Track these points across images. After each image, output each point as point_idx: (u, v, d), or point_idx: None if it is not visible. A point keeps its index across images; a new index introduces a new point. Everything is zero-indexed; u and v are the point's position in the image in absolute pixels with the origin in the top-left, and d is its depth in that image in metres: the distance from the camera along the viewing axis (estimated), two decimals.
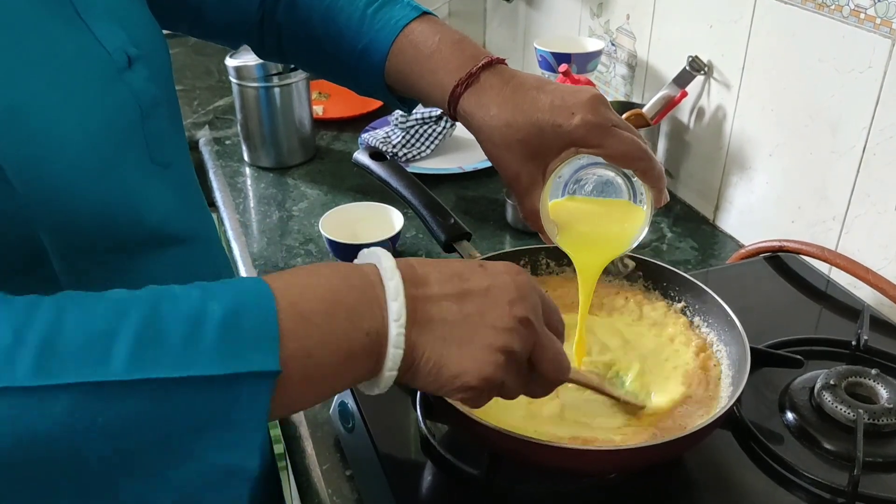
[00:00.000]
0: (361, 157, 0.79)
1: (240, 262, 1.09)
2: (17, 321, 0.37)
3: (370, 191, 1.21)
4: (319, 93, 1.57)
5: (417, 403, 0.68)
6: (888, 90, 0.85)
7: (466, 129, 0.65)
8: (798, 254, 0.95)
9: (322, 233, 1.01)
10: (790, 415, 0.70)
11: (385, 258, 0.47)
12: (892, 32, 0.83)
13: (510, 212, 1.14)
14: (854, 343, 0.77)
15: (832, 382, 0.70)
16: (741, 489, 0.64)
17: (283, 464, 0.86)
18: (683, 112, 1.20)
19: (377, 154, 0.78)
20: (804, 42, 0.95)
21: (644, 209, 0.66)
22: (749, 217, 1.10)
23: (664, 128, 1.24)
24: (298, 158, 1.35)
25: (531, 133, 0.61)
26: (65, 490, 0.38)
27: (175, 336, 0.39)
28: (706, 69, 1.13)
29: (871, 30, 0.86)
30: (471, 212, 1.19)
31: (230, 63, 1.27)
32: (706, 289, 0.73)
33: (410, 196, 0.75)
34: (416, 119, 1.31)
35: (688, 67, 1.13)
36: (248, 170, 1.34)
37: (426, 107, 0.88)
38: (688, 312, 0.75)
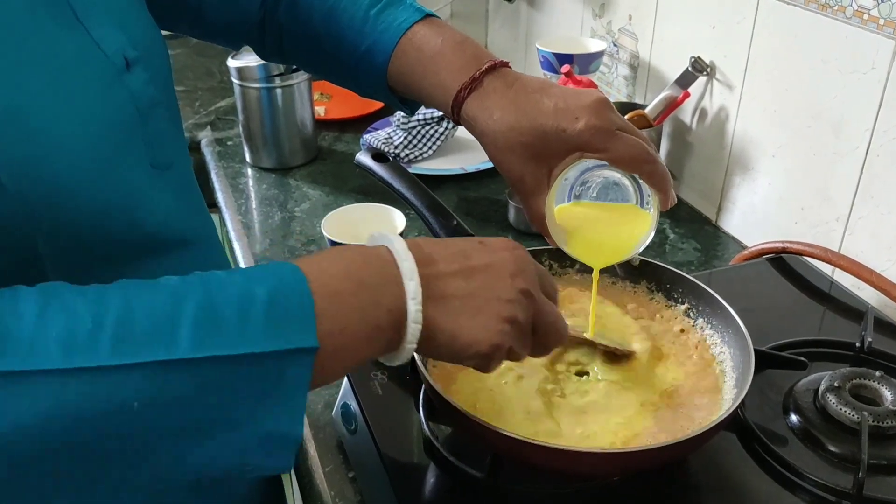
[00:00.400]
0: (363, 158, 0.78)
1: (242, 263, 1.08)
2: (94, 308, 0.42)
3: (372, 192, 1.21)
4: (321, 94, 1.57)
5: (420, 405, 0.68)
6: (891, 91, 0.85)
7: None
8: (801, 255, 0.95)
9: (324, 234, 1.01)
10: (794, 417, 0.69)
11: (397, 241, 0.50)
12: None
13: (512, 213, 1.14)
14: (858, 345, 0.77)
15: (836, 384, 0.70)
16: (745, 491, 0.64)
17: None
18: (686, 113, 1.20)
19: (379, 155, 0.78)
20: (807, 43, 0.95)
21: (651, 212, 0.65)
22: (752, 218, 1.10)
23: (666, 129, 1.23)
24: (300, 159, 1.35)
25: (535, 137, 0.61)
26: (133, 457, 0.43)
27: (230, 318, 0.43)
28: (709, 70, 1.12)
29: (875, 31, 0.86)
30: (473, 213, 1.19)
31: (232, 64, 1.27)
32: (709, 290, 0.73)
33: (412, 197, 0.75)
34: (418, 120, 1.31)
35: (690, 68, 1.13)
36: (250, 171, 1.34)
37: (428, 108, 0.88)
38: (691, 314, 0.75)
